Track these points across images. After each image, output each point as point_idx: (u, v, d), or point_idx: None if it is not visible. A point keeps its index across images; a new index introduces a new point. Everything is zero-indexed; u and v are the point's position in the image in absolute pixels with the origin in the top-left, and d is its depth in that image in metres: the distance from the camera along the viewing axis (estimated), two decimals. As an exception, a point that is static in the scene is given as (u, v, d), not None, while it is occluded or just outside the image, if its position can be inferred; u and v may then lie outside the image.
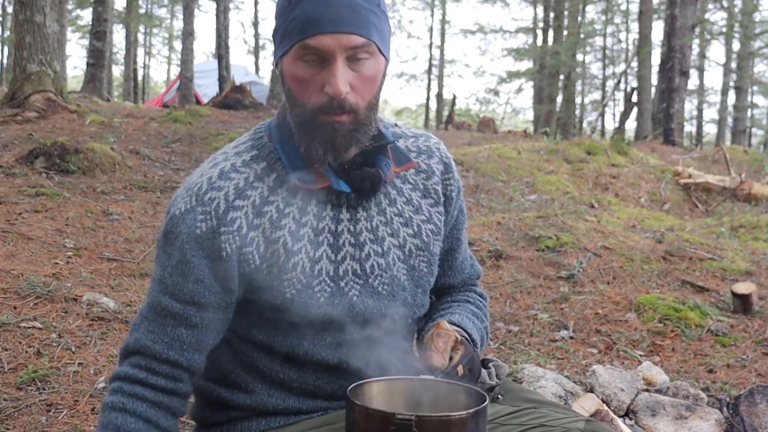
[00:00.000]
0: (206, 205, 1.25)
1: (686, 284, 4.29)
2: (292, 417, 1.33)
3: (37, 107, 7.78)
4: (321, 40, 1.18)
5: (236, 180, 1.27)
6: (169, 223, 1.27)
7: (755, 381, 3.10)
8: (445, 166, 1.43)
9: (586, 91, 28.62)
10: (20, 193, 4.83)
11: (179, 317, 1.25)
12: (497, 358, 1.47)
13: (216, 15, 13.82)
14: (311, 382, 1.32)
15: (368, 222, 1.32)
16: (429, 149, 1.43)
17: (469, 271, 1.54)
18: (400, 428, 1.04)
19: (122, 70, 25.51)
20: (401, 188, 1.38)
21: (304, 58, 1.20)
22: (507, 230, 5.04)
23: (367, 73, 1.22)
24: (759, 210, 7.07)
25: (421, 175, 1.40)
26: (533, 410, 1.30)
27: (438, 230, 1.41)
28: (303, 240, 1.27)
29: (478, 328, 1.42)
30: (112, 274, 3.67)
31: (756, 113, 27.75)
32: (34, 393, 2.42)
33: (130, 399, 1.24)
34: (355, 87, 1.21)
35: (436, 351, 1.22)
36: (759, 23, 21.49)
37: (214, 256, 1.24)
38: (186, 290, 1.25)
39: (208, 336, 1.28)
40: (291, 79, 1.23)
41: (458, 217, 1.47)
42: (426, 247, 1.38)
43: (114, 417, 1.23)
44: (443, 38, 27.22)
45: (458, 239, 1.48)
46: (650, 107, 17.20)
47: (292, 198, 1.29)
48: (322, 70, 1.20)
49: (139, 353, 1.27)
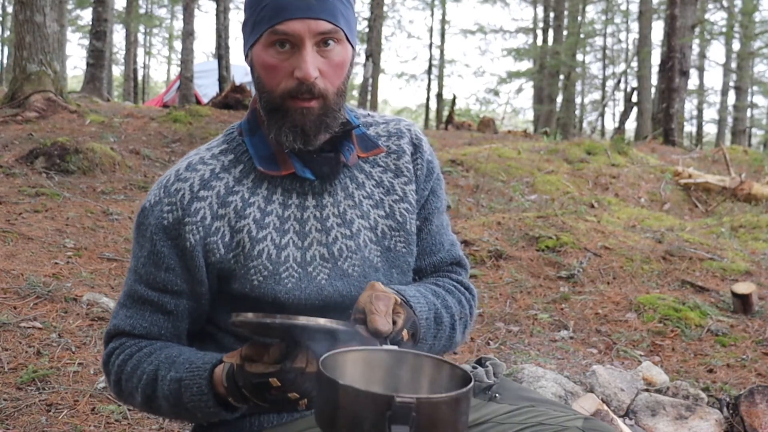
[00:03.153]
0: (172, 197, 1.29)
1: (686, 284, 4.29)
2: (285, 415, 1.33)
3: (37, 107, 7.78)
4: (291, 26, 1.21)
5: (202, 171, 1.31)
6: (140, 215, 1.32)
7: (755, 381, 3.10)
8: (415, 147, 1.44)
9: (586, 91, 28.63)
10: (20, 193, 4.83)
11: (155, 304, 1.30)
12: (495, 358, 1.46)
13: (216, 15, 13.82)
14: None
15: (335, 207, 1.34)
16: (399, 131, 1.45)
17: (442, 254, 1.48)
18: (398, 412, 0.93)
19: (122, 70, 25.53)
20: (370, 172, 1.39)
21: (274, 44, 1.24)
22: (507, 230, 5.04)
23: (336, 60, 1.26)
24: (759, 210, 7.07)
25: (391, 156, 1.42)
26: (531, 409, 1.30)
27: (413, 208, 1.42)
28: (268, 228, 1.30)
29: (425, 298, 1.34)
30: (112, 274, 3.67)
31: (756, 113, 27.76)
32: (34, 393, 2.42)
33: (129, 349, 1.30)
34: (324, 73, 1.25)
35: (378, 314, 1.15)
36: (759, 23, 21.51)
37: (181, 246, 1.28)
38: (159, 279, 1.29)
39: (184, 322, 1.33)
40: (260, 66, 1.26)
41: (429, 198, 1.45)
42: (401, 227, 1.39)
43: (129, 371, 1.29)
44: (443, 38, 27.22)
45: (426, 219, 1.45)
46: (650, 107, 17.21)
47: (258, 188, 1.32)
48: (292, 56, 1.24)
49: (123, 334, 1.32)
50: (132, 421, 2.34)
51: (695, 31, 15.39)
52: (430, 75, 26.86)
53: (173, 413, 1.29)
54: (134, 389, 1.28)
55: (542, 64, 22.34)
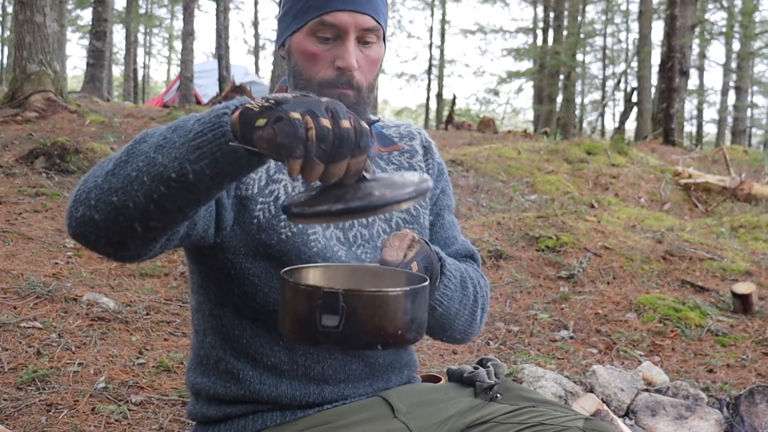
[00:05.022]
0: None
1: (686, 284, 4.29)
2: (288, 414, 1.33)
3: (37, 107, 7.78)
4: (338, 17, 1.26)
5: None
6: None
7: (755, 381, 3.10)
8: (425, 149, 1.50)
9: (586, 91, 28.63)
10: (20, 193, 4.83)
11: None
12: (496, 358, 1.46)
13: (216, 15, 13.82)
14: (301, 363, 1.33)
15: None
16: (410, 133, 1.50)
17: (456, 247, 1.51)
18: (327, 302, 0.99)
19: (122, 70, 25.52)
20: (386, 169, 1.43)
21: (318, 33, 1.28)
22: (507, 230, 5.04)
23: (372, 56, 1.31)
24: (759, 210, 7.07)
25: (405, 155, 1.47)
26: (532, 409, 1.30)
27: (426, 204, 1.46)
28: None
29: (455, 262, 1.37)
30: (112, 274, 3.67)
31: (756, 113, 27.78)
32: (34, 393, 2.42)
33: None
34: (361, 66, 1.30)
35: (390, 246, 1.19)
36: (759, 23, 21.50)
37: None
38: None
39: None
40: (301, 53, 1.30)
41: (440, 196, 1.51)
42: (415, 220, 1.42)
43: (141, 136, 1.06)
44: (443, 38, 27.22)
45: (438, 215, 1.50)
46: (650, 107, 17.20)
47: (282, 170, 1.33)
48: (334, 47, 1.28)
49: None
50: (132, 421, 2.34)
51: (695, 31, 15.39)
52: (430, 75, 26.86)
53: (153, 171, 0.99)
54: (101, 165, 1.07)
55: (542, 64, 22.33)
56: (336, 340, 1.00)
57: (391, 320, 1.01)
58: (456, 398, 1.36)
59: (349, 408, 1.33)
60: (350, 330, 1.00)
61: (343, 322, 0.99)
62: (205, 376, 1.38)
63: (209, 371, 1.37)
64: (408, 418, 1.30)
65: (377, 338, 1.01)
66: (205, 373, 1.38)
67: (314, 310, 1.00)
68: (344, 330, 1.00)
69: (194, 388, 1.40)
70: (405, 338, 1.04)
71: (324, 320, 1.00)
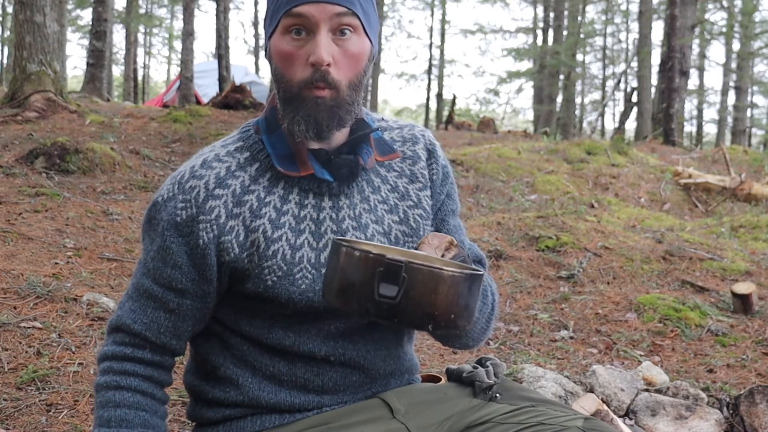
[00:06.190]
0: (187, 194, 1.28)
1: (686, 284, 4.29)
2: (287, 416, 1.33)
3: (37, 107, 7.78)
4: (305, 8, 1.23)
5: (218, 169, 1.30)
6: (152, 209, 1.31)
7: (755, 381, 3.10)
8: (429, 153, 1.45)
9: (586, 91, 28.63)
10: (20, 193, 4.83)
11: (159, 300, 1.29)
12: (496, 358, 1.46)
13: (216, 15, 13.82)
14: (301, 375, 1.32)
15: (351, 209, 1.34)
16: (414, 136, 1.45)
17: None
18: (389, 270, 0.96)
19: (122, 70, 25.51)
20: (386, 176, 1.39)
21: (290, 29, 1.24)
22: (507, 230, 5.04)
23: (351, 50, 1.25)
24: (759, 210, 7.07)
25: (407, 162, 1.42)
26: (531, 409, 1.29)
27: (427, 215, 1.42)
28: (284, 228, 1.29)
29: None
30: (112, 274, 3.67)
31: (756, 113, 27.75)
32: (34, 393, 2.42)
33: (122, 376, 1.28)
34: (338, 62, 1.25)
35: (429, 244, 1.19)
36: (759, 23, 21.51)
37: (192, 243, 1.27)
38: (165, 275, 1.28)
39: (186, 323, 1.31)
40: (278, 55, 1.27)
41: (445, 201, 1.47)
42: (415, 233, 1.39)
43: (111, 395, 1.27)
44: (443, 38, 27.22)
45: (443, 220, 1.47)
46: (650, 107, 17.21)
47: (274, 187, 1.31)
48: (307, 43, 1.24)
49: (122, 330, 1.31)
50: (132, 421, 2.34)
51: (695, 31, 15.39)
52: (430, 75, 26.86)
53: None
54: (96, 416, 1.29)
55: (542, 64, 22.34)
56: (388, 313, 0.98)
57: (447, 301, 0.99)
58: (455, 398, 1.36)
59: (348, 409, 1.33)
60: (405, 303, 0.97)
61: (401, 294, 0.96)
62: (203, 379, 1.38)
63: (208, 375, 1.37)
64: (407, 419, 1.30)
65: (430, 318, 0.99)
66: (203, 377, 1.38)
67: (373, 277, 0.97)
68: (400, 302, 0.97)
69: (192, 390, 1.40)
70: (456, 323, 1.01)
71: (382, 289, 0.97)
